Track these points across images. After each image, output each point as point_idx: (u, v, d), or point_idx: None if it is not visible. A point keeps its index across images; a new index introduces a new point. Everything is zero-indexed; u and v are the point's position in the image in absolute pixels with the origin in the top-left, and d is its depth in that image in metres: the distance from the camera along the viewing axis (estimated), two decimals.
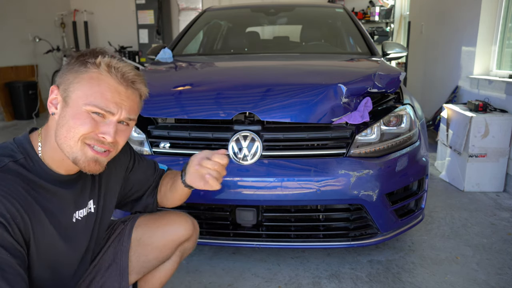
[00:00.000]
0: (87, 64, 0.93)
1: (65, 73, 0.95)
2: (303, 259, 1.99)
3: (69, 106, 0.93)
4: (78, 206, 1.05)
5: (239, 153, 1.71)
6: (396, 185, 1.81)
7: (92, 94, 0.92)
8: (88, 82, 0.92)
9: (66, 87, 0.93)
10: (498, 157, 2.87)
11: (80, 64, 0.93)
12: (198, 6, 7.23)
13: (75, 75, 0.93)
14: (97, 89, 0.92)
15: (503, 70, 3.41)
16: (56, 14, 7.28)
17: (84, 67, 0.93)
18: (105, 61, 0.93)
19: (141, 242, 1.26)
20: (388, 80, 1.89)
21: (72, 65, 0.94)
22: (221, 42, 3.33)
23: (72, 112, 0.92)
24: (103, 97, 0.92)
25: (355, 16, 3.26)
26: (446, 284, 1.78)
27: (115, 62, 0.94)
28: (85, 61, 0.93)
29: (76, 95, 0.92)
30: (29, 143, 0.97)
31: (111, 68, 0.93)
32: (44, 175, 0.96)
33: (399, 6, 6.77)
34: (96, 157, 0.96)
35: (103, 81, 0.93)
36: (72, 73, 0.94)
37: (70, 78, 0.93)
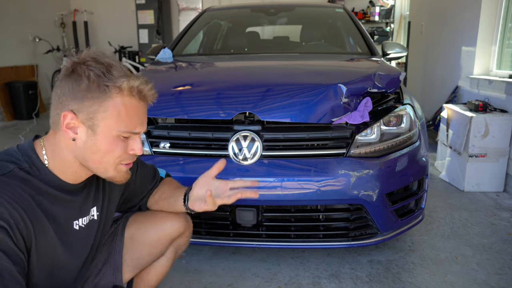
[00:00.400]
0: (107, 88, 0.90)
1: (82, 99, 0.90)
2: (303, 259, 1.99)
3: (98, 134, 0.93)
4: (82, 214, 1.05)
5: (239, 153, 1.71)
6: (396, 185, 1.81)
7: (121, 122, 0.93)
8: (116, 110, 0.92)
9: (92, 116, 0.91)
10: (498, 157, 2.87)
11: (100, 90, 0.90)
12: (198, 6, 7.23)
13: (99, 103, 0.90)
14: (125, 115, 0.93)
15: (503, 70, 3.41)
16: (56, 14, 7.28)
17: (104, 93, 0.90)
18: (127, 85, 0.92)
19: (134, 239, 1.25)
20: (388, 80, 1.89)
21: (89, 90, 0.90)
22: (221, 42, 3.33)
23: (104, 140, 0.93)
24: (131, 121, 0.94)
25: (355, 16, 3.26)
26: (446, 284, 1.78)
27: (133, 82, 0.93)
28: (104, 85, 0.90)
29: (105, 124, 0.92)
30: (34, 152, 0.96)
31: (133, 91, 0.93)
32: (50, 183, 0.95)
33: (399, 6, 6.77)
34: (127, 170, 1.01)
35: (128, 106, 0.93)
36: (93, 100, 0.90)
37: (94, 106, 0.90)
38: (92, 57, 0.92)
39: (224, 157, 1.75)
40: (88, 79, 0.89)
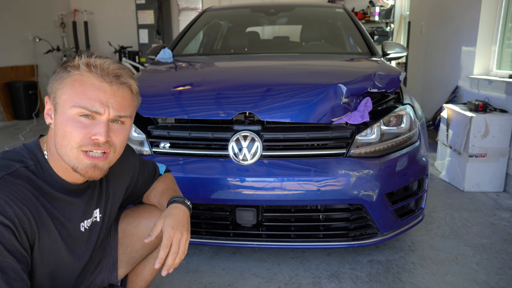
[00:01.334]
0: (68, 68, 0.92)
1: (52, 82, 0.94)
2: (303, 259, 1.99)
3: (58, 112, 0.92)
4: (85, 216, 1.05)
5: (239, 153, 1.71)
6: (396, 185, 1.81)
7: (75, 95, 0.90)
8: (71, 85, 0.91)
9: (54, 95, 0.93)
10: (498, 157, 2.87)
11: (64, 70, 0.93)
12: (198, 6, 7.22)
13: (60, 81, 0.92)
14: (80, 89, 0.90)
15: (503, 70, 3.41)
16: (56, 14, 7.28)
17: (67, 72, 0.92)
18: (83, 61, 0.92)
19: (126, 233, 1.25)
20: (388, 80, 1.89)
21: (57, 73, 0.94)
22: (221, 42, 3.33)
23: (61, 118, 0.91)
24: (87, 96, 0.90)
25: (355, 16, 3.26)
26: (446, 284, 1.78)
27: (94, 59, 0.92)
28: (67, 66, 0.93)
29: (62, 100, 0.91)
30: (39, 150, 0.97)
31: (91, 67, 0.91)
32: (54, 183, 0.96)
33: (399, 6, 6.77)
34: (94, 163, 0.94)
35: (85, 81, 0.91)
36: (57, 80, 0.93)
37: (56, 85, 0.93)
38: (80, 51, 0.97)
39: (224, 157, 1.75)
40: (61, 64, 0.94)
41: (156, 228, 1.08)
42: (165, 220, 1.09)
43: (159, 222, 1.09)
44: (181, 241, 1.07)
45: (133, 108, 1.00)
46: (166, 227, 1.07)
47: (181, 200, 1.18)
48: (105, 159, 0.96)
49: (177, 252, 1.06)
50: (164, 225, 1.08)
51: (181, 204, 1.16)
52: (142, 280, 1.34)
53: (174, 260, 1.06)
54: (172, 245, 1.06)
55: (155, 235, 1.07)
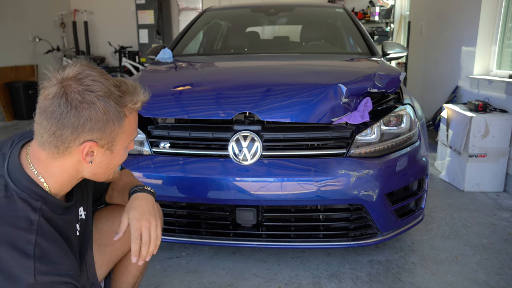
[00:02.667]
0: (123, 111, 0.91)
1: (105, 128, 0.89)
2: (303, 259, 1.99)
3: (115, 152, 0.95)
4: (77, 218, 1.05)
5: (239, 153, 1.71)
6: (396, 185, 1.81)
7: (132, 134, 0.98)
8: (129, 126, 0.95)
9: (113, 140, 0.92)
10: (498, 157, 2.87)
11: (119, 116, 0.90)
12: (198, 6, 7.22)
13: (118, 127, 0.92)
14: (134, 128, 0.98)
15: (503, 70, 3.41)
16: (56, 14, 7.28)
17: (121, 117, 0.91)
18: (140, 105, 0.96)
19: (103, 233, 1.23)
20: (388, 80, 1.89)
21: (109, 119, 0.89)
22: (221, 42, 3.33)
23: (119, 154, 0.97)
24: (136, 130, 1.00)
25: (355, 16, 3.26)
26: (446, 284, 1.78)
27: (141, 98, 0.95)
28: (121, 110, 0.91)
29: (121, 141, 0.95)
30: (35, 185, 0.91)
31: (140, 106, 0.97)
32: (57, 209, 0.95)
33: (399, 6, 6.77)
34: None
35: (136, 119, 0.98)
36: (114, 126, 0.91)
37: (115, 131, 0.91)
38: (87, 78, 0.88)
39: (224, 157, 1.75)
40: (105, 107, 0.88)
41: (122, 224, 1.08)
42: (129, 214, 1.09)
43: (124, 217, 1.09)
44: (150, 229, 1.08)
45: None
46: (131, 220, 1.07)
47: (141, 189, 1.17)
48: None
49: (149, 241, 1.07)
50: (129, 218, 1.08)
51: (142, 193, 1.16)
52: (129, 276, 1.33)
53: (148, 250, 1.06)
54: (142, 236, 1.06)
55: (122, 231, 1.08)
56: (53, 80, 0.90)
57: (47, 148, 0.90)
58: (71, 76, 0.88)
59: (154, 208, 1.14)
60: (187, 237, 1.85)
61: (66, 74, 0.89)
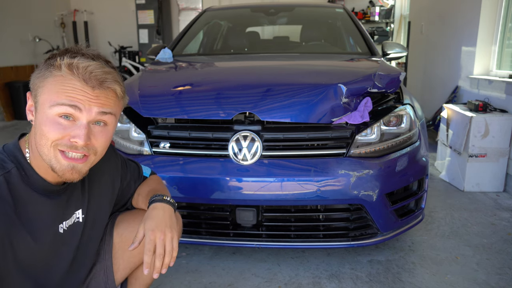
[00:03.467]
0: (52, 66, 0.89)
1: (33, 78, 0.91)
2: (303, 259, 1.99)
3: (38, 111, 0.90)
4: (65, 217, 1.02)
5: (239, 153, 1.71)
6: (396, 185, 1.81)
7: (55, 95, 0.87)
8: (52, 84, 0.88)
9: (35, 93, 0.90)
10: (498, 157, 2.87)
11: (46, 68, 0.89)
12: (198, 6, 7.22)
13: (41, 79, 0.89)
14: (61, 88, 0.87)
15: (503, 70, 3.41)
16: (56, 14, 7.28)
17: (48, 71, 0.89)
18: (66, 62, 0.88)
19: (123, 238, 1.22)
20: (388, 80, 1.89)
21: (39, 70, 0.90)
22: (221, 42, 3.33)
23: (41, 117, 0.88)
24: (68, 96, 0.87)
25: (355, 16, 3.26)
26: (446, 284, 1.78)
27: (77, 61, 0.88)
28: (49, 64, 0.89)
29: (42, 99, 0.88)
30: (19, 151, 0.93)
31: (73, 69, 0.87)
32: (35, 185, 0.92)
33: (399, 6, 6.77)
34: (72, 165, 0.90)
35: (67, 83, 0.87)
36: (38, 77, 0.90)
37: (37, 82, 0.90)
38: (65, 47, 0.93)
39: (224, 157, 1.75)
40: (45, 61, 0.91)
41: (138, 234, 1.05)
42: (145, 224, 1.05)
43: (140, 227, 1.06)
44: (165, 241, 1.04)
45: (118, 108, 0.97)
46: (146, 231, 1.04)
47: (160, 199, 1.13)
48: (84, 162, 0.93)
49: (163, 254, 1.03)
50: (145, 229, 1.05)
51: (161, 203, 1.12)
52: (141, 283, 1.32)
53: (162, 262, 1.03)
54: (156, 248, 1.03)
55: (138, 241, 1.04)
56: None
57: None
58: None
59: (171, 219, 1.09)
60: (187, 237, 1.85)
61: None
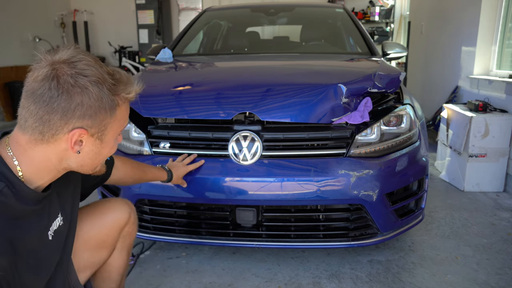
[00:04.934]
0: (116, 99, 0.89)
1: (96, 116, 0.86)
2: (303, 259, 1.99)
3: (105, 142, 0.92)
4: (50, 222, 0.99)
5: (239, 153, 1.71)
6: (396, 185, 1.81)
7: (123, 125, 0.96)
8: (121, 116, 0.93)
9: (104, 128, 0.89)
10: (498, 157, 2.87)
11: (112, 104, 0.88)
12: (198, 6, 7.22)
13: (110, 115, 0.89)
14: (126, 118, 0.96)
15: (503, 70, 3.41)
16: (56, 14, 7.28)
17: (115, 106, 0.89)
18: (134, 95, 0.93)
19: (80, 236, 1.19)
20: (388, 80, 1.89)
21: (102, 106, 0.86)
22: (221, 42, 3.33)
23: (108, 145, 0.94)
24: (127, 120, 0.97)
25: (355, 16, 3.26)
26: (446, 284, 1.78)
27: (135, 88, 0.93)
28: (114, 99, 0.88)
29: (112, 131, 0.92)
30: (5, 166, 0.85)
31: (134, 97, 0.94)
32: (25, 198, 0.88)
33: (399, 6, 6.77)
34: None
35: (128, 110, 0.96)
36: (106, 114, 0.87)
37: (106, 119, 0.88)
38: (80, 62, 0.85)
39: (224, 157, 1.75)
40: (98, 94, 0.84)
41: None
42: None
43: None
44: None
45: None
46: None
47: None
48: None
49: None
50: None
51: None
52: (111, 281, 1.32)
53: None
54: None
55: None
56: (44, 62, 0.84)
57: (30, 133, 0.84)
58: (64, 59, 0.84)
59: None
60: (187, 237, 1.85)
61: (58, 57, 0.84)
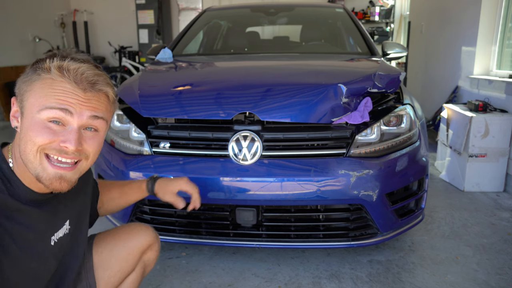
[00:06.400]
0: (38, 70, 0.85)
1: (19, 83, 0.86)
2: (303, 259, 1.99)
3: (24, 116, 0.85)
4: (56, 228, 0.98)
5: (239, 153, 1.71)
6: (396, 185, 1.81)
7: (44, 98, 0.83)
8: (40, 87, 0.84)
9: (21, 98, 0.86)
10: (498, 157, 2.87)
11: (33, 72, 0.85)
12: (198, 6, 7.23)
13: (28, 83, 0.85)
14: (50, 93, 0.83)
15: (503, 70, 3.41)
16: (56, 14, 7.28)
17: (36, 75, 0.84)
18: (56, 64, 0.84)
19: (103, 257, 1.21)
20: (388, 80, 1.89)
21: (26, 74, 0.86)
22: (221, 42, 3.33)
23: (28, 123, 0.84)
24: (57, 99, 0.83)
25: (355, 16, 3.26)
26: (446, 284, 1.78)
27: (68, 63, 0.85)
28: (37, 68, 0.85)
29: (29, 104, 0.84)
30: (3, 161, 0.88)
31: (63, 71, 0.84)
32: (21, 195, 0.87)
33: (399, 6, 6.77)
34: (59, 174, 0.86)
35: (56, 85, 0.83)
36: (25, 82, 0.85)
37: (23, 86, 0.85)
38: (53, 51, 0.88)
39: (224, 157, 1.75)
40: (31, 65, 0.87)
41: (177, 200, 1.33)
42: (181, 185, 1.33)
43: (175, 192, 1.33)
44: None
45: (109, 114, 0.93)
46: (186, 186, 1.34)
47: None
48: (73, 169, 0.89)
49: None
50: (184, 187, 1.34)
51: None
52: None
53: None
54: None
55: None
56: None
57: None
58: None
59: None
60: (187, 237, 1.85)
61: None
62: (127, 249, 1.24)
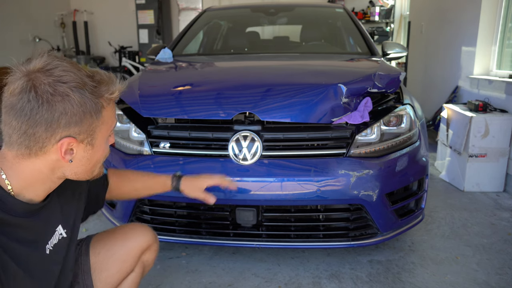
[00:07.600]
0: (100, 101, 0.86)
1: (82, 121, 0.83)
2: (303, 259, 1.99)
3: (95, 146, 0.89)
4: (48, 236, 0.96)
5: (239, 153, 1.71)
6: (396, 185, 1.81)
7: (111, 125, 0.94)
8: (108, 118, 0.90)
9: (92, 133, 0.87)
10: (498, 157, 2.87)
11: (96, 107, 0.85)
12: (198, 6, 7.22)
13: (97, 118, 0.86)
14: (113, 118, 0.93)
15: (503, 70, 3.41)
16: (56, 14, 7.28)
17: (99, 108, 0.86)
18: (117, 95, 0.91)
19: (100, 257, 1.20)
20: (388, 80, 1.90)
21: (86, 111, 0.83)
22: (221, 42, 3.33)
23: (100, 148, 0.91)
24: (115, 120, 0.95)
25: (355, 16, 3.26)
26: (446, 284, 1.78)
27: (117, 87, 0.90)
28: (98, 101, 0.85)
29: (101, 134, 0.90)
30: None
31: (113, 99, 0.91)
32: (13, 209, 0.85)
33: (399, 6, 6.77)
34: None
35: (114, 110, 0.94)
36: (92, 118, 0.85)
37: (94, 123, 0.86)
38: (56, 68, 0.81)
39: (224, 157, 1.75)
40: (80, 99, 0.81)
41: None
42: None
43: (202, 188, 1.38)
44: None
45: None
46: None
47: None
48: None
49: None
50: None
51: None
52: None
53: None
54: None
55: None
56: (18, 74, 0.81)
57: (16, 149, 0.82)
58: (39, 68, 0.80)
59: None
60: (187, 237, 1.85)
61: (32, 66, 0.81)
62: (125, 249, 1.23)
